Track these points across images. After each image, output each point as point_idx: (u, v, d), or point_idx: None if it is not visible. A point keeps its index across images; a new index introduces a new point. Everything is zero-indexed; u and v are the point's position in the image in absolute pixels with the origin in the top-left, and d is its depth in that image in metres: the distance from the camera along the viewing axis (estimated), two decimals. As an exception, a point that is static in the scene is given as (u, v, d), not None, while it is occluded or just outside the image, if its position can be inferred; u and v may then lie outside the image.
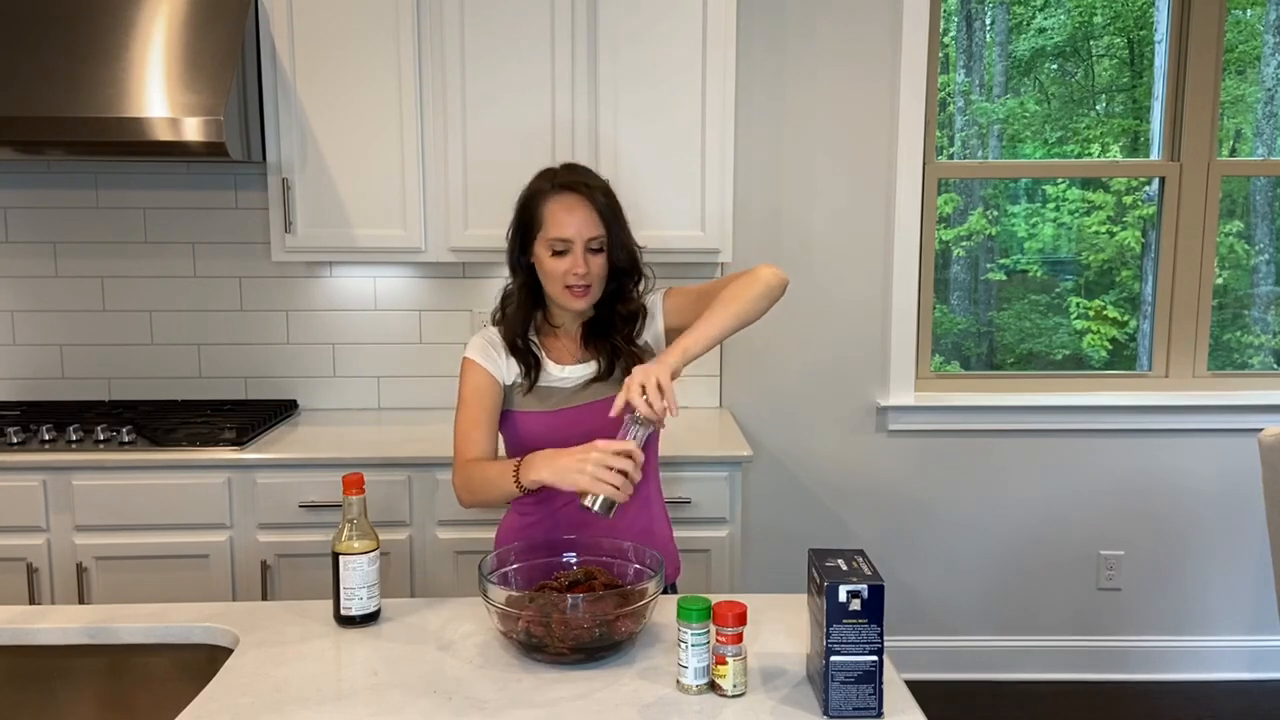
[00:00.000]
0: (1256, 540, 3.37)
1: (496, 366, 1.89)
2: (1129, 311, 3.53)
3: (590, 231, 1.82)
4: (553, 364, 1.90)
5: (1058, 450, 3.35)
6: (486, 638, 1.61)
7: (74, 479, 2.68)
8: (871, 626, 1.34)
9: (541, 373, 1.89)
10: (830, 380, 3.31)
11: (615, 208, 1.87)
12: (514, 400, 1.89)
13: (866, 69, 3.18)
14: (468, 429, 1.86)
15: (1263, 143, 3.50)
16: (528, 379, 1.88)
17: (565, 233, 1.81)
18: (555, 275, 1.83)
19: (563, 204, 1.83)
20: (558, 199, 1.84)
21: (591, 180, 1.87)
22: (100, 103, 2.63)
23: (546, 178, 1.88)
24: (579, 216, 1.82)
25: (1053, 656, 3.42)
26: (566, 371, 1.89)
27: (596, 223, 1.83)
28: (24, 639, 1.66)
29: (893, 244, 3.24)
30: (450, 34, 2.80)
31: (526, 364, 1.88)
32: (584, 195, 1.83)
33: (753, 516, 3.30)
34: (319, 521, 2.68)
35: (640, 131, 2.83)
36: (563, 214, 1.82)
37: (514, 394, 1.89)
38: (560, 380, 1.89)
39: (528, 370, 1.88)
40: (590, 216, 1.83)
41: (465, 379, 1.89)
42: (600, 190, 1.86)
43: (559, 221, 1.82)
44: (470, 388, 1.88)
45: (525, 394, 1.88)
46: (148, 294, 3.20)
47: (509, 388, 1.89)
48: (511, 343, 1.90)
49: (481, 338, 1.92)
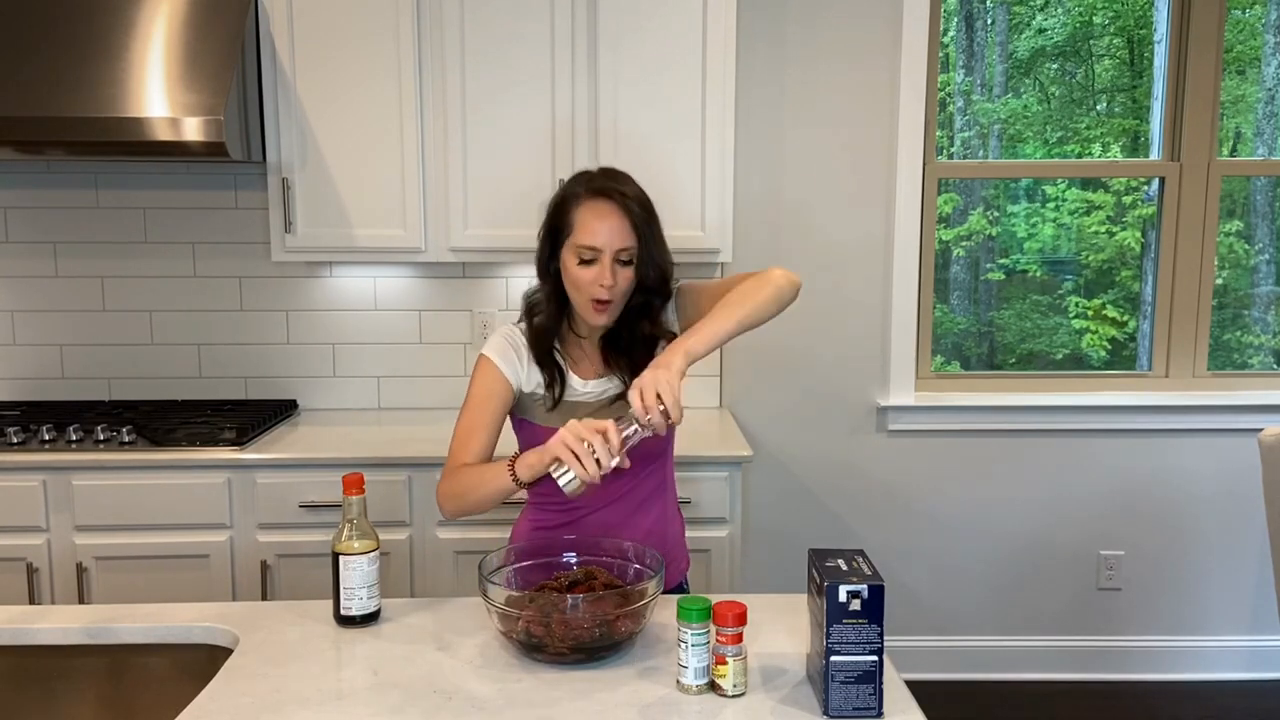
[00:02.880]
0: (1256, 540, 3.37)
1: (515, 371, 1.81)
2: (1129, 311, 3.53)
3: (620, 242, 1.74)
4: (576, 378, 1.84)
5: (1058, 450, 3.35)
6: (486, 638, 1.61)
7: (74, 479, 2.68)
8: (871, 626, 1.34)
9: (566, 387, 1.82)
10: (830, 380, 3.31)
11: (651, 220, 1.77)
12: (535, 413, 1.83)
13: (867, 68, 3.18)
14: (467, 434, 1.79)
15: (1263, 143, 3.50)
16: (551, 392, 1.81)
17: (594, 240, 1.73)
18: (581, 284, 1.75)
19: (595, 210, 1.75)
20: (590, 204, 1.75)
21: (628, 189, 1.77)
22: (100, 103, 2.63)
23: (581, 181, 1.80)
24: (610, 225, 1.73)
25: (1053, 656, 3.42)
26: (590, 386, 1.84)
27: (628, 233, 1.74)
28: (24, 639, 1.66)
29: (893, 244, 3.24)
30: (450, 33, 2.80)
31: (551, 376, 1.82)
32: (618, 203, 1.74)
33: (753, 516, 3.30)
34: (319, 521, 2.68)
35: (640, 131, 2.83)
36: (594, 221, 1.74)
37: (534, 405, 1.83)
38: (584, 395, 1.83)
39: (551, 383, 1.81)
40: (622, 226, 1.74)
41: (478, 378, 1.81)
42: (636, 200, 1.76)
43: (589, 228, 1.74)
44: (481, 388, 1.80)
45: (550, 409, 1.81)
46: (148, 294, 3.20)
47: (526, 396, 1.83)
48: (539, 355, 1.82)
49: (503, 337, 1.84)
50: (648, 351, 1.82)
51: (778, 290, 1.73)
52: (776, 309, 1.73)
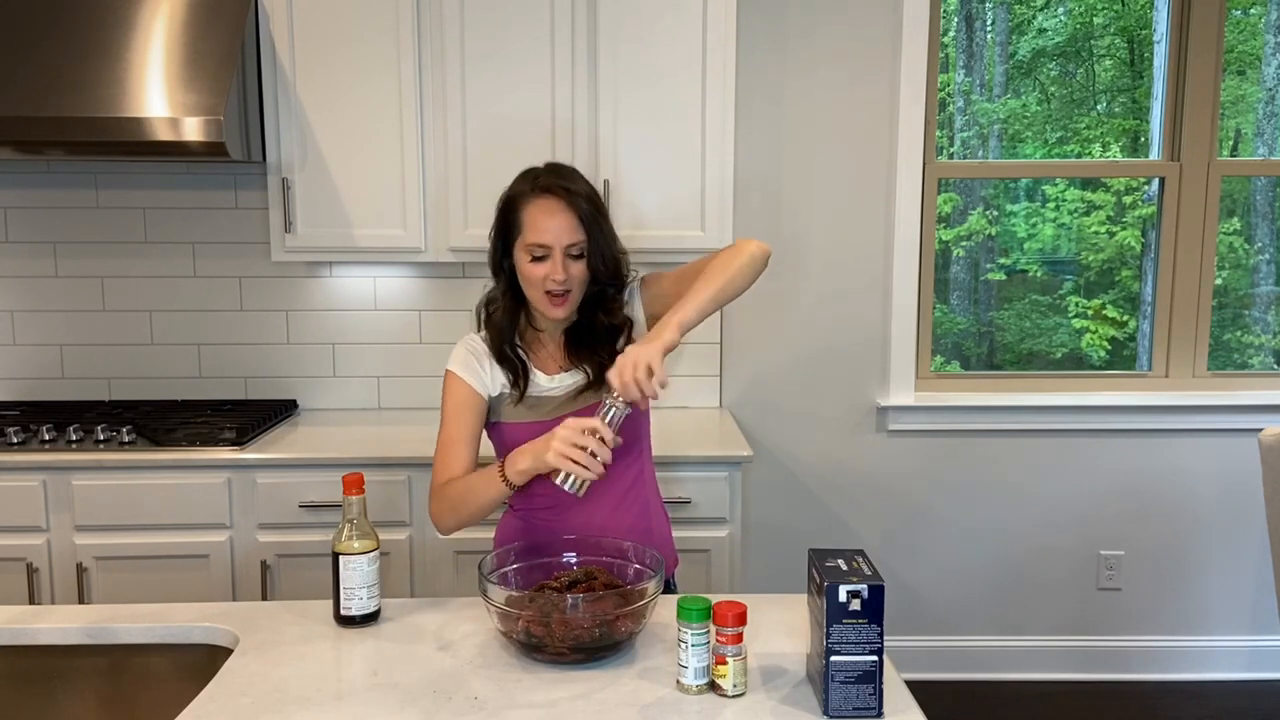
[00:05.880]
0: (1256, 540, 3.37)
1: (480, 379, 1.83)
2: (1128, 311, 3.53)
3: (570, 238, 1.76)
4: (540, 374, 1.86)
5: (1058, 450, 3.35)
6: (486, 638, 1.61)
7: (74, 479, 2.68)
8: (871, 626, 1.34)
9: (530, 383, 1.84)
10: (830, 380, 3.31)
11: (598, 213, 1.80)
12: (503, 411, 1.85)
13: (867, 69, 3.18)
14: (447, 450, 1.81)
15: (1263, 143, 3.50)
16: (517, 388, 1.83)
17: (544, 238, 1.75)
18: (534, 281, 1.78)
19: (543, 208, 1.77)
20: (538, 202, 1.77)
21: (574, 184, 1.79)
22: (100, 103, 2.63)
23: (528, 179, 1.81)
24: (559, 222, 1.76)
25: (1053, 656, 3.42)
26: (556, 380, 1.85)
27: (577, 228, 1.76)
28: (24, 639, 1.66)
29: (893, 244, 3.24)
30: (450, 34, 2.80)
31: (515, 372, 1.83)
32: (565, 199, 1.77)
33: (753, 516, 3.30)
34: (319, 521, 2.68)
35: (640, 131, 2.83)
36: (542, 218, 1.76)
37: (502, 405, 1.85)
38: (550, 390, 1.85)
39: (516, 379, 1.83)
40: (570, 222, 1.76)
41: (448, 394, 1.84)
42: (583, 195, 1.78)
43: (538, 226, 1.76)
44: (451, 404, 1.83)
45: (515, 404, 1.83)
46: (148, 294, 3.20)
47: (495, 399, 1.85)
48: (499, 351, 1.84)
49: (464, 347, 1.87)
50: (610, 342, 1.85)
51: (751, 258, 1.79)
52: (753, 275, 1.80)
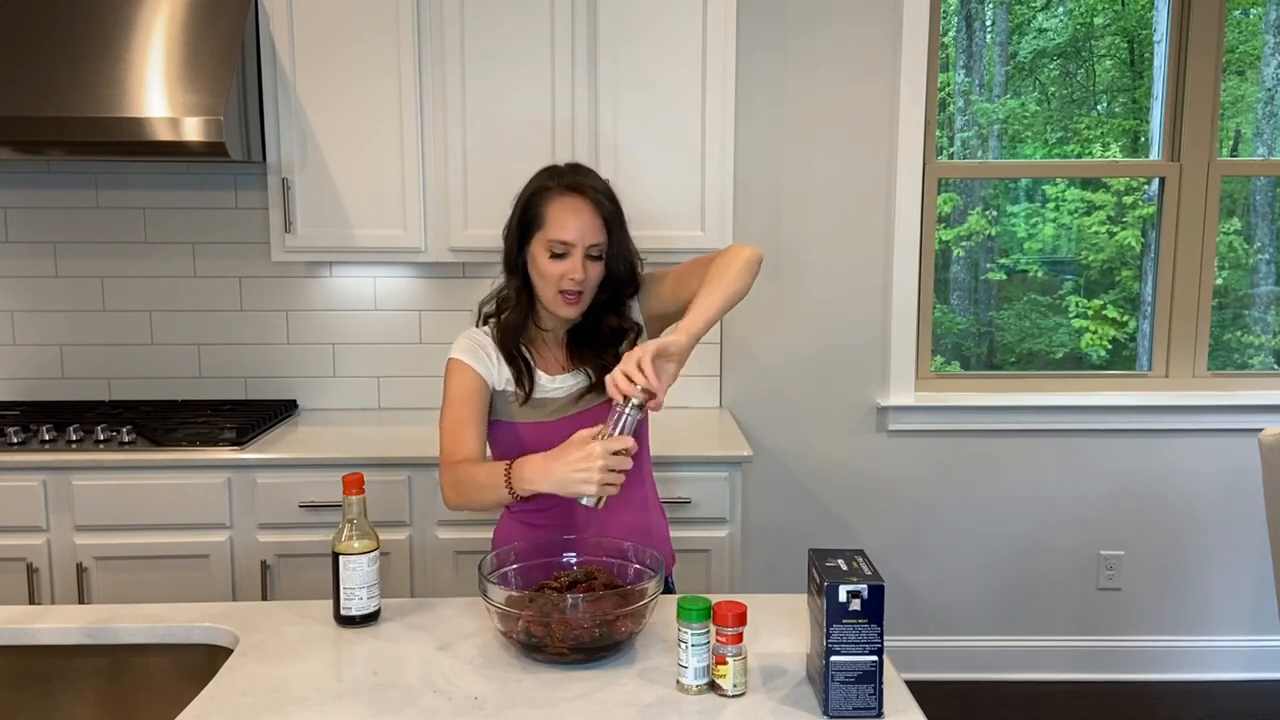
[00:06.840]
0: (1256, 540, 3.37)
1: (487, 369, 1.83)
2: (1129, 311, 3.53)
3: (592, 238, 1.78)
4: (543, 374, 1.86)
5: (1058, 450, 3.35)
6: (486, 638, 1.61)
7: (74, 479, 2.68)
8: (871, 626, 1.34)
9: (534, 384, 1.84)
10: (830, 380, 3.31)
11: (619, 215, 1.82)
12: (508, 410, 1.85)
13: (867, 69, 3.18)
14: (456, 429, 1.80)
15: (1263, 143, 3.50)
16: (522, 388, 1.83)
17: (567, 235, 1.76)
18: (550, 278, 1.78)
19: (567, 205, 1.78)
20: (562, 199, 1.79)
21: (597, 184, 1.82)
22: (100, 103, 2.63)
23: (552, 176, 1.83)
24: (583, 220, 1.77)
25: (1053, 656, 3.42)
26: (558, 381, 1.86)
27: (599, 229, 1.78)
28: (24, 639, 1.66)
29: (893, 244, 3.24)
30: (450, 34, 2.80)
31: (520, 371, 1.84)
32: (589, 199, 1.78)
33: (753, 516, 3.30)
34: (319, 521, 2.68)
35: (640, 131, 2.83)
36: (566, 216, 1.77)
37: (506, 402, 1.85)
38: (552, 390, 1.85)
39: (521, 379, 1.83)
40: (594, 222, 1.78)
41: (452, 379, 1.83)
42: (605, 196, 1.81)
43: (561, 223, 1.77)
44: (459, 388, 1.81)
45: (521, 404, 1.83)
46: (148, 294, 3.20)
47: (498, 394, 1.85)
48: (509, 350, 1.84)
49: (468, 339, 1.86)
50: (614, 345, 1.85)
51: (748, 262, 1.81)
52: (751, 279, 1.82)
